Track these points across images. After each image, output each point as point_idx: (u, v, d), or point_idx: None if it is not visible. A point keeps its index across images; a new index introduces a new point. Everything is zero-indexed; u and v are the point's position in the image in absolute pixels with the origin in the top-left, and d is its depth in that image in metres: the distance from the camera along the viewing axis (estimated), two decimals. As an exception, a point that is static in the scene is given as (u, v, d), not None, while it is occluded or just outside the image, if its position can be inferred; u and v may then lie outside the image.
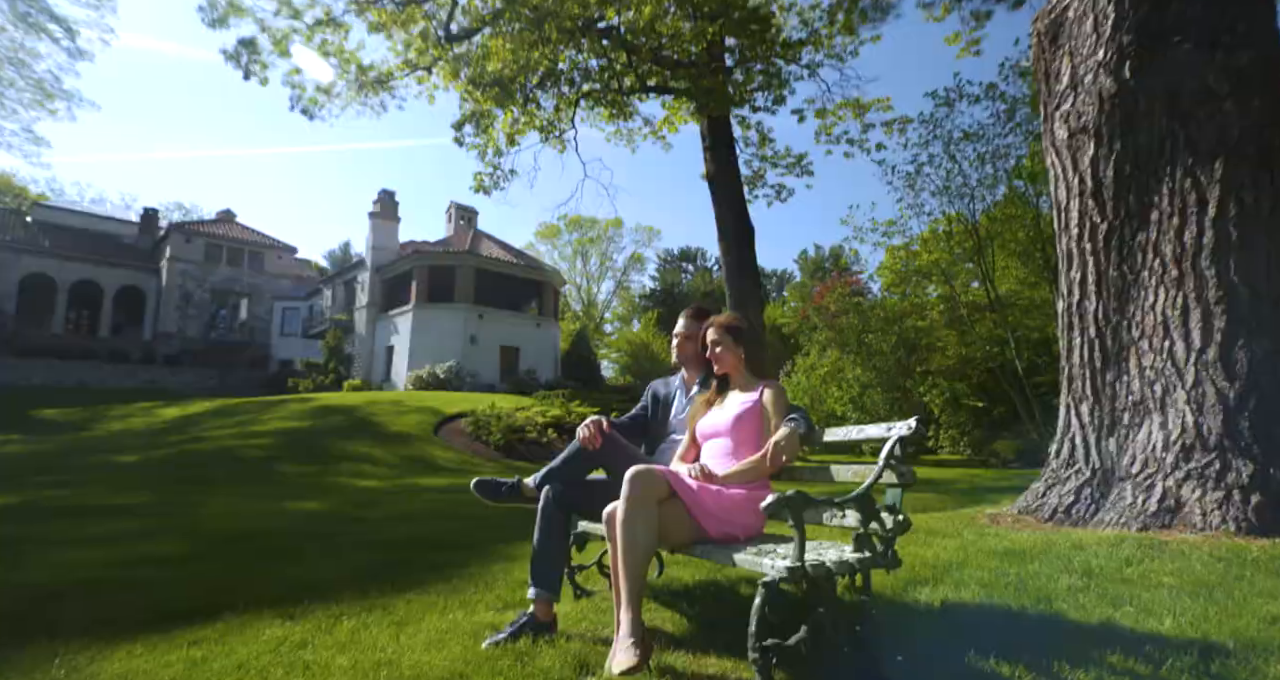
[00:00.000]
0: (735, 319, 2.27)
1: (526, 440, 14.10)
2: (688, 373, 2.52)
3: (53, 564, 3.21)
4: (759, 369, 2.24)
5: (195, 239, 31.61)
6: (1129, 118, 3.50)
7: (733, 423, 2.01)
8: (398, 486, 8.04)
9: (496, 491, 2.32)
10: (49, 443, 13.09)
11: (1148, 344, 3.14)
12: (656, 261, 71.65)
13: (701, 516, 1.78)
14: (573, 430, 12.16)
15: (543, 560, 2.06)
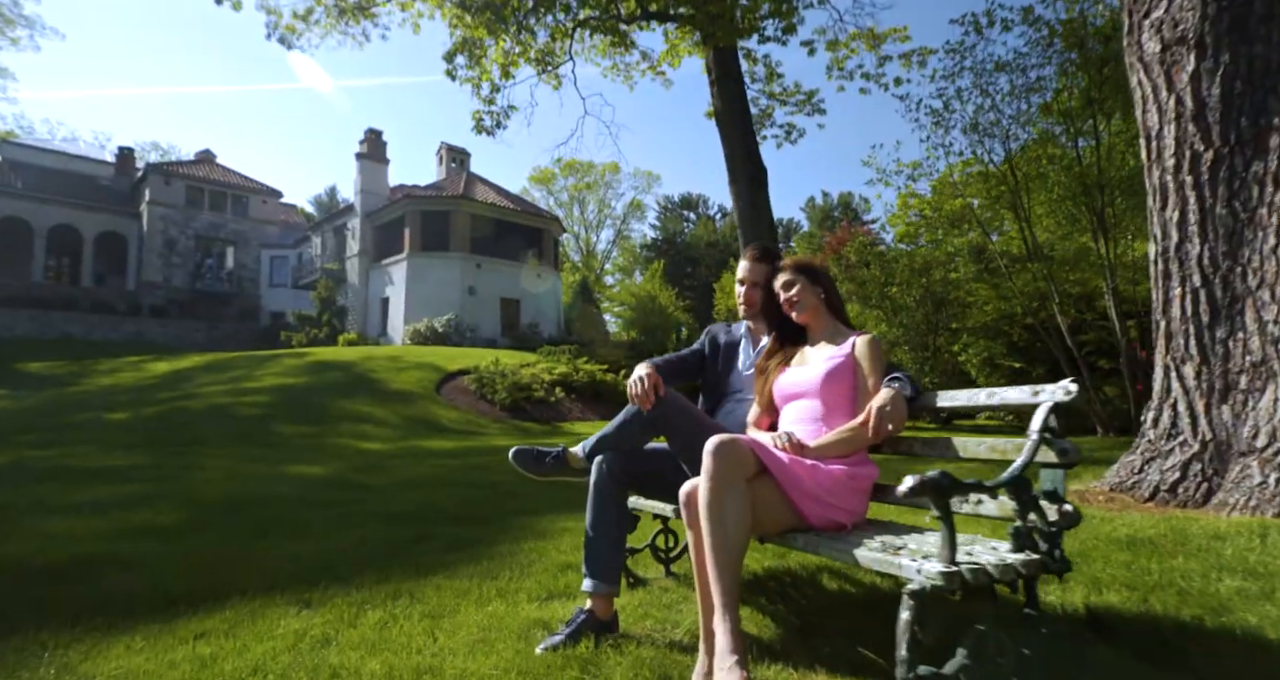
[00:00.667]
0: (814, 259, 2.00)
1: (533, 399, 14.00)
2: (755, 324, 2.21)
3: (41, 535, 3.04)
4: (844, 317, 1.96)
5: (175, 181, 30.82)
6: (1240, 23, 3.07)
7: (822, 382, 1.75)
8: (402, 449, 7.92)
9: (539, 463, 2.02)
10: (35, 398, 13.02)
11: (1269, 294, 2.82)
12: (656, 209, 70.28)
13: (800, 498, 1.53)
14: (581, 389, 12.02)
15: (599, 547, 1.82)
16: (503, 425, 11.88)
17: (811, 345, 1.91)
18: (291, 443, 8.19)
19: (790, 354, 1.92)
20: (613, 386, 16.16)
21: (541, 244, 27.14)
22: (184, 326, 27.84)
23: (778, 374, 1.89)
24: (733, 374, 2.19)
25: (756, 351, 2.14)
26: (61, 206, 29.72)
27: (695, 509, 1.49)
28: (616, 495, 1.88)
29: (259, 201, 33.88)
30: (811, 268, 1.94)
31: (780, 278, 1.92)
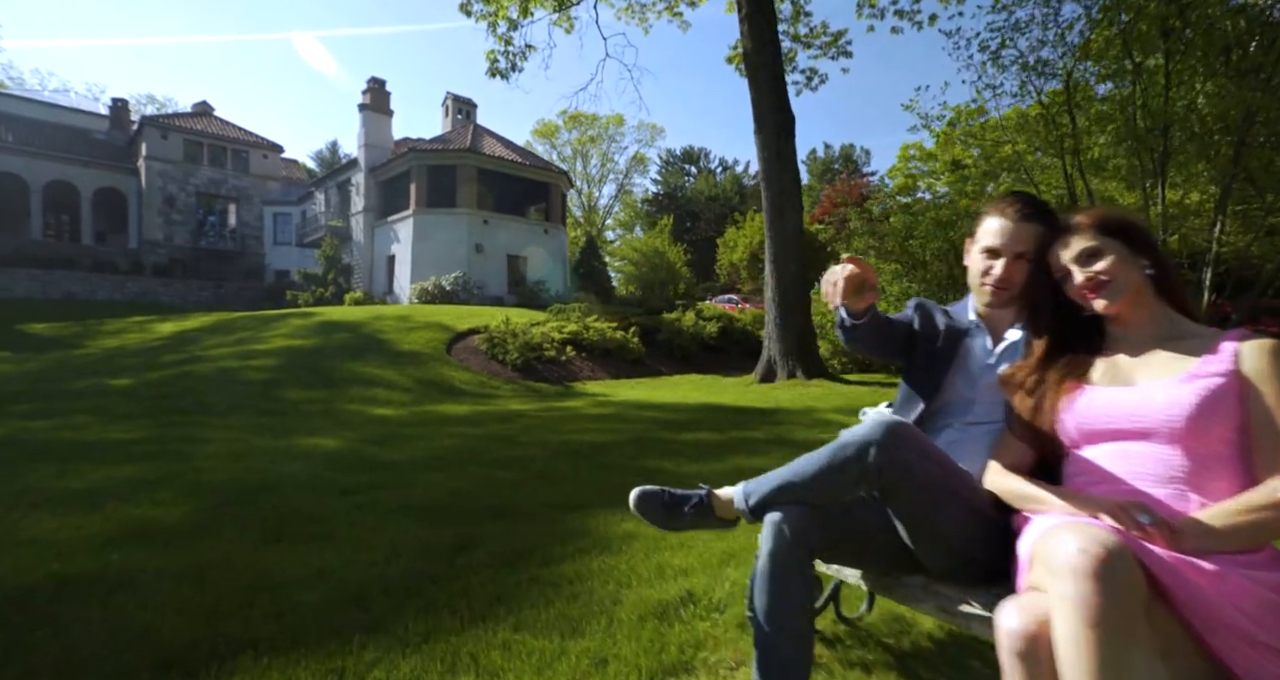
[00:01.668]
0: (1129, 213, 1.33)
1: (544, 359, 13.59)
2: (993, 312, 1.51)
3: (20, 541, 2.62)
4: (1189, 306, 1.28)
5: (172, 134, 29.64)
6: None
7: (1189, 416, 1.08)
8: (417, 416, 7.52)
9: (673, 515, 1.42)
10: (38, 361, 12.64)
11: None
12: (659, 164, 68.41)
13: (1224, 638, 0.91)
14: (591, 347, 11.49)
15: (781, 650, 1.24)
16: (515, 387, 11.49)
17: (1129, 352, 1.24)
18: (301, 409, 7.80)
19: (1078, 365, 1.27)
20: (622, 344, 15.74)
21: (549, 199, 26.21)
22: (189, 286, 27.27)
23: (1067, 394, 1.24)
24: (959, 377, 1.51)
25: (1002, 351, 1.47)
26: (56, 161, 28.69)
27: (1041, 657, 0.90)
28: (805, 569, 1.29)
29: (260, 156, 32.71)
30: (1131, 226, 1.26)
31: (1074, 243, 1.25)
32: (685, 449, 4.77)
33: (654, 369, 15.60)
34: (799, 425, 5.94)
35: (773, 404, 7.91)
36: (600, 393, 11.20)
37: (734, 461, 4.20)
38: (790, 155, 10.93)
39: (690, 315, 18.08)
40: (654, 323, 17.67)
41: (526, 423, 6.77)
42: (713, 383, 12.80)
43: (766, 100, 10.73)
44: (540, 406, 8.60)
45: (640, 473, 3.87)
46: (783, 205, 10.82)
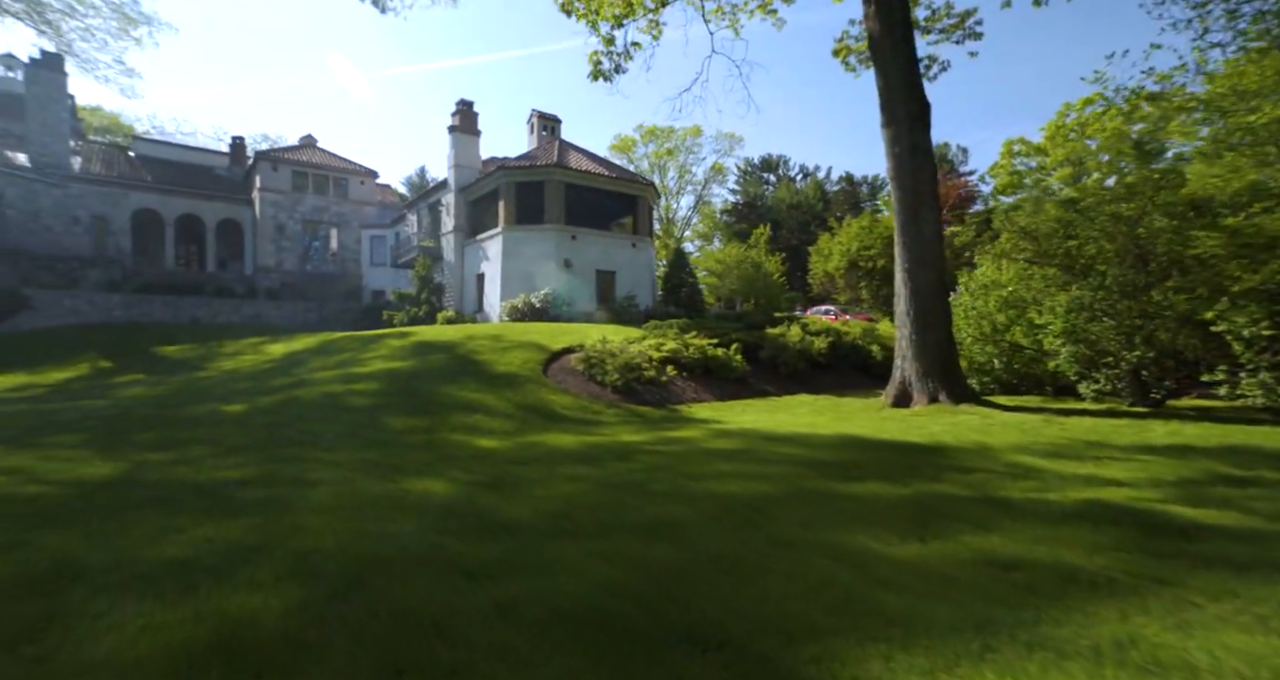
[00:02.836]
0: None
1: (644, 379, 12.90)
2: None
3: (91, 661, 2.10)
4: None
5: (281, 167, 31.94)
6: None
7: None
8: (524, 449, 6.96)
9: None
10: (167, 383, 13.37)
11: None
12: (736, 173, 67.31)
13: None
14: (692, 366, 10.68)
15: None
16: (618, 411, 10.84)
17: None
18: (404, 440, 7.45)
19: None
20: (724, 362, 14.82)
21: (636, 212, 25.80)
22: (296, 307, 29.01)
23: None
24: None
25: None
26: (186, 197, 31.52)
27: None
28: None
29: (357, 182, 34.66)
30: None
31: None
32: (870, 512, 3.81)
33: (760, 389, 14.56)
34: (994, 474, 4.80)
35: (929, 438, 6.74)
36: (711, 418, 10.33)
37: (960, 540, 3.20)
38: (926, 150, 9.71)
39: (795, 330, 16.88)
40: (756, 338, 16.63)
41: (648, 460, 6.01)
42: (834, 406, 11.60)
43: (897, 89, 9.60)
44: (653, 437, 7.84)
45: (841, 556, 2.97)
46: (918, 207, 9.60)
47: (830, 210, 62.48)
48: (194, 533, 3.59)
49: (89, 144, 33.52)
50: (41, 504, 4.33)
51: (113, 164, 31.49)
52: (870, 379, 17.02)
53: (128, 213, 29.53)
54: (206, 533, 3.58)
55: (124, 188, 29.48)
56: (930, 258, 9.63)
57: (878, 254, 35.43)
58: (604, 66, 8.81)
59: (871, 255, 35.76)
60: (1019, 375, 11.52)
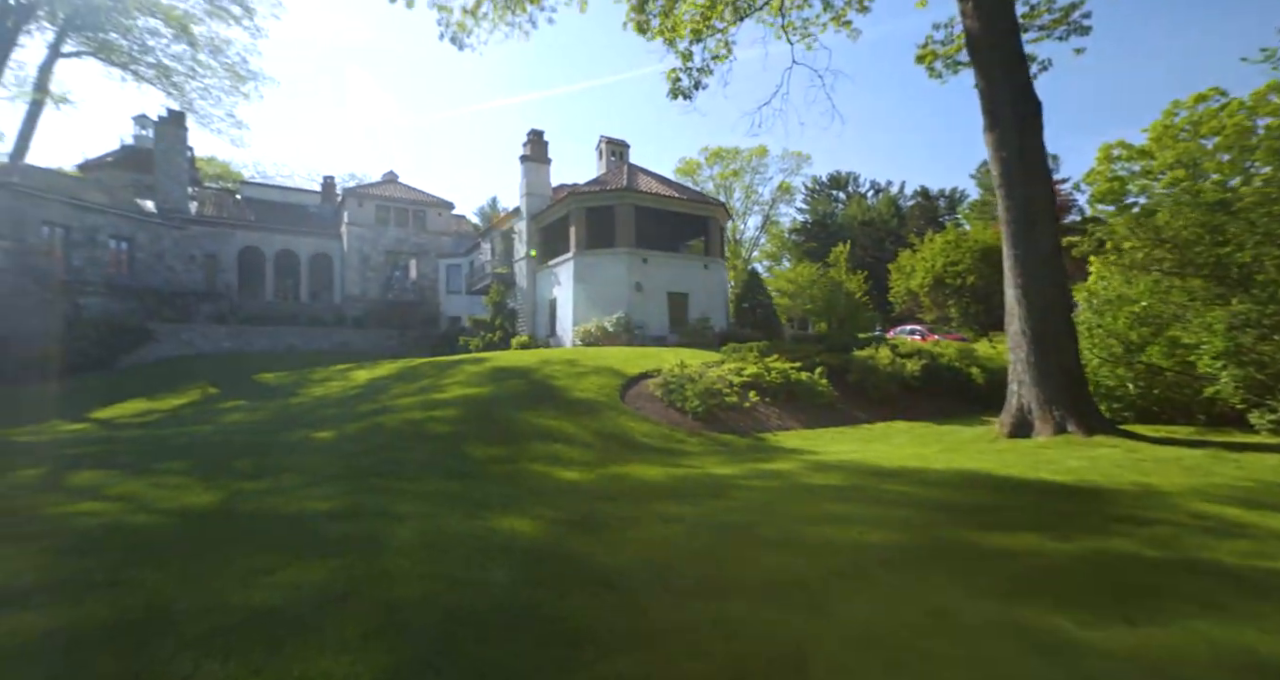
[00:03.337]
0: None
1: (726, 405, 12.39)
2: None
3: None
4: None
5: (366, 202, 33.92)
6: None
7: None
8: (610, 483, 6.62)
9: None
10: (264, 409, 14.04)
11: None
12: (804, 192, 66.14)
13: None
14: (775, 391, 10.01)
15: None
16: (701, 439, 10.37)
17: None
18: (487, 471, 7.29)
19: None
20: (809, 386, 14.09)
21: (708, 232, 25.52)
22: (379, 334, 30.38)
23: None
24: None
25: None
26: (284, 233, 33.98)
27: None
28: None
29: (435, 214, 36.31)
30: None
31: None
32: (1040, 577, 3.19)
33: (849, 415, 13.71)
34: (1181, 528, 4.00)
35: (1071, 476, 5.90)
36: (802, 448, 9.69)
37: (1186, 625, 2.52)
38: (1038, 153, 8.87)
39: (885, 351, 15.91)
40: (841, 361, 15.78)
41: (745, 498, 5.53)
42: (937, 435, 10.67)
43: (1001, 89, 8.86)
44: (745, 470, 7.33)
45: (1029, 642, 2.41)
46: (1033, 216, 8.74)
47: (906, 226, 60.10)
48: (282, 575, 3.44)
49: (203, 189, 36.88)
50: (147, 535, 4.36)
51: (223, 206, 34.45)
52: (971, 404, 15.75)
53: (234, 250, 32.08)
54: (294, 575, 3.42)
55: (231, 227, 32.10)
56: (1049, 272, 8.70)
57: (966, 269, 33.43)
58: (683, 84, 8.59)
59: (959, 271, 33.77)
60: (1159, 401, 10.20)
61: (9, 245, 22.74)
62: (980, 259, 33.11)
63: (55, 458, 8.37)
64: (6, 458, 8.91)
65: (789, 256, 62.14)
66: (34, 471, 7.26)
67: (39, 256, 23.93)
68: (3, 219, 22.59)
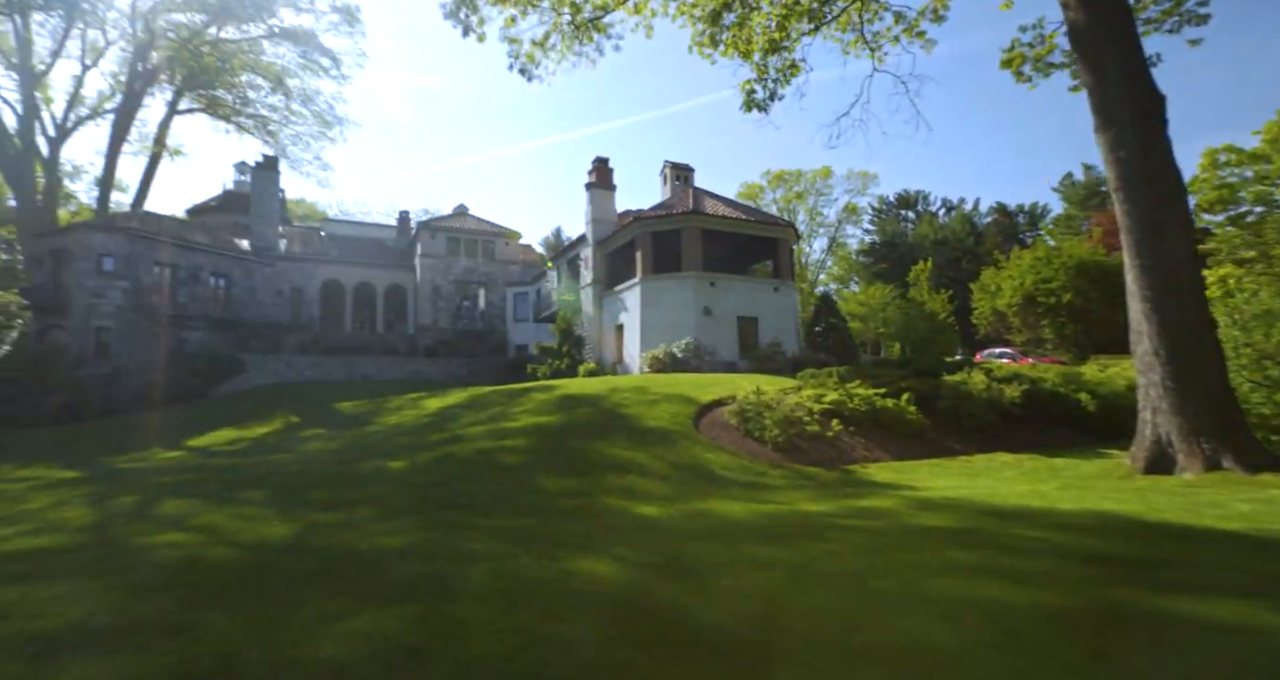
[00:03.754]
0: None
1: (807, 435, 11.70)
2: None
3: None
4: None
5: (438, 235, 35.33)
6: None
7: None
8: (691, 520, 6.17)
9: None
10: (340, 438, 14.43)
11: None
12: (870, 213, 64.52)
13: None
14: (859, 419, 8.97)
15: None
16: (784, 472, 9.74)
17: None
18: (560, 505, 7.00)
19: None
20: (897, 414, 13.16)
21: (777, 255, 24.92)
22: (449, 363, 31.21)
23: None
24: None
25: None
26: (362, 267, 35.81)
27: None
28: None
29: (503, 244, 37.38)
30: None
31: None
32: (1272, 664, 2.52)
33: (943, 446, 12.68)
34: None
35: (1248, 524, 4.98)
36: (896, 482, 8.90)
37: None
38: (1163, 150, 7.97)
39: (979, 376, 14.75)
40: (929, 387, 14.73)
41: (847, 540, 4.96)
42: (1051, 469, 9.62)
43: (1115, 84, 8.07)
44: (838, 507, 6.71)
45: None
46: (1161, 220, 7.81)
47: (983, 244, 57.20)
48: (353, 622, 3.20)
49: (292, 227, 39.54)
50: (221, 571, 4.27)
51: (308, 242, 36.75)
52: (1082, 434, 14.31)
53: (318, 284, 34.01)
54: (365, 624, 3.17)
55: (315, 262, 34.11)
56: (1185, 283, 7.71)
57: (1061, 287, 31.14)
58: (757, 96, 8.27)
59: (1053, 288, 31.49)
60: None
61: (126, 285, 24.90)
62: (1076, 275, 30.82)
63: (150, 486, 8.72)
64: (110, 485, 9.39)
65: (857, 279, 60.30)
66: (130, 499, 7.54)
67: (151, 294, 26.08)
68: (122, 261, 24.79)
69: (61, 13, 28.00)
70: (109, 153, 31.48)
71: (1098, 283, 30.14)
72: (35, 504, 7.57)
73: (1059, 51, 12.14)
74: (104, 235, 24.71)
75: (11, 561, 4.44)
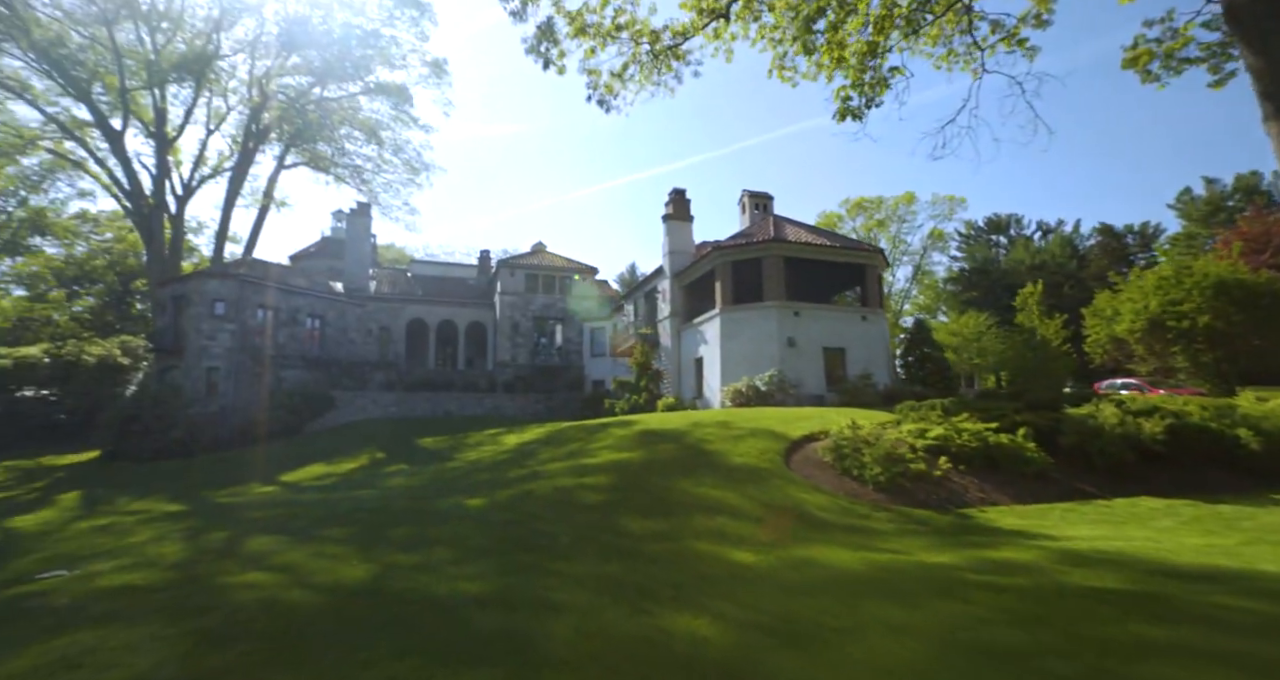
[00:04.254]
0: None
1: (911, 474, 10.68)
2: None
3: None
4: None
5: (517, 272, 36.39)
6: None
7: None
8: (792, 568, 5.53)
9: None
10: (422, 473, 14.61)
11: None
12: (957, 239, 61.47)
13: None
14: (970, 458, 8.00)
15: None
16: (891, 516, 8.82)
17: None
18: (647, 549, 6.51)
19: None
20: (1015, 452, 11.86)
21: (865, 282, 23.83)
22: (528, 399, 31.61)
23: None
24: None
25: None
26: (445, 305, 37.31)
27: None
28: None
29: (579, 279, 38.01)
30: None
31: None
32: None
33: (1072, 488, 11.26)
34: None
35: None
36: (1025, 530, 7.83)
37: None
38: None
39: (1110, 408, 13.15)
40: (1048, 421, 13.26)
41: (991, 602, 4.19)
42: (1225, 519, 8.20)
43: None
44: (965, 558, 5.85)
45: None
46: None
47: (1087, 268, 52.90)
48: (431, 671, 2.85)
49: (380, 270, 41.99)
50: (295, 618, 4.08)
51: (395, 283, 38.82)
52: (1242, 476, 12.39)
53: (404, 322, 35.66)
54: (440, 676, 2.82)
55: (402, 302, 35.86)
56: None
57: (1195, 309, 27.94)
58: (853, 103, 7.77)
59: (1185, 311, 28.31)
60: None
61: (234, 327, 26.96)
62: (1214, 295, 27.60)
63: (242, 521, 8.95)
64: (207, 519, 9.75)
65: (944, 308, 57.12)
66: (222, 534, 7.71)
67: (255, 335, 28.09)
68: (231, 305, 26.93)
69: (192, 84, 31.55)
70: (224, 207, 34.75)
71: (1241, 304, 26.87)
72: (139, 537, 7.88)
73: (1194, 45, 11.00)
74: (217, 281, 27.00)
75: (101, 599, 4.45)
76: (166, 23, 30.72)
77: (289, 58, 34.21)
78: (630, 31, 11.94)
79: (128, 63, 29.57)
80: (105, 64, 29.46)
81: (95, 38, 28.90)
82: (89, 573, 5.44)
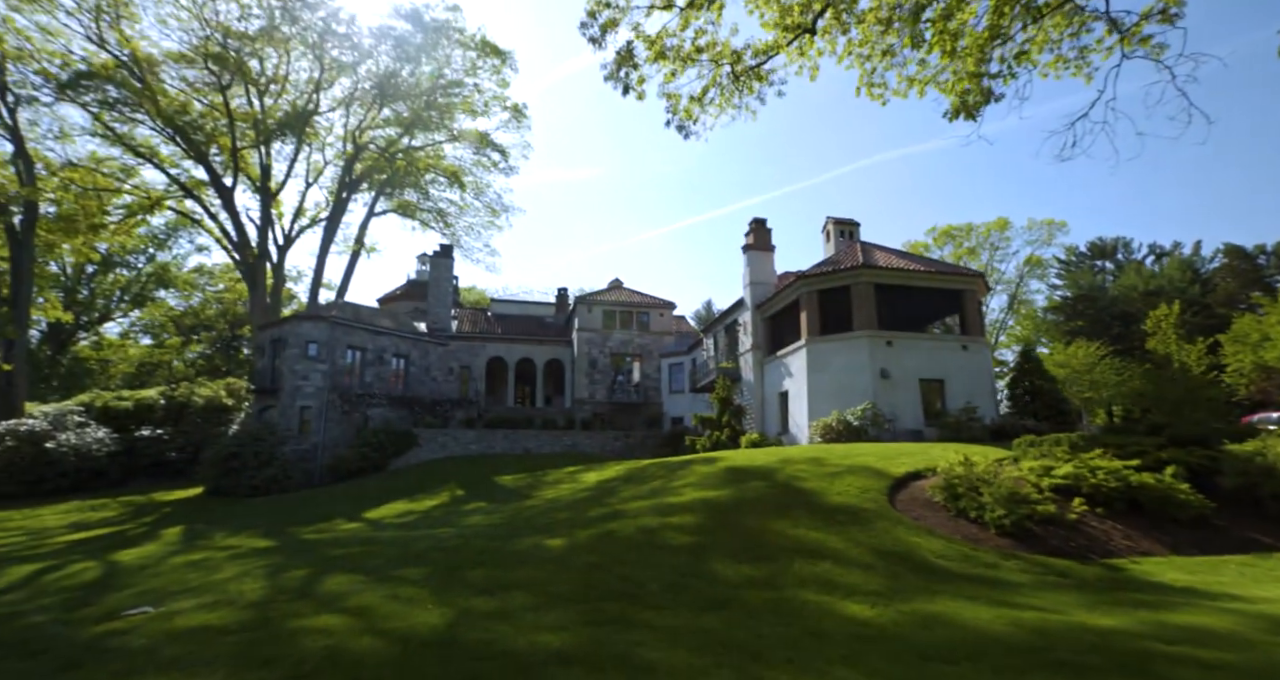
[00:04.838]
0: None
1: (1039, 517, 9.46)
2: None
3: None
4: None
5: (594, 308, 36.76)
6: None
7: None
8: (920, 627, 4.76)
9: None
10: (500, 511, 14.47)
11: None
12: (1057, 266, 57.15)
13: None
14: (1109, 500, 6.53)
15: None
16: (1021, 564, 7.72)
17: None
18: (744, 599, 5.88)
19: None
20: (1164, 493, 10.36)
21: (963, 308, 22.28)
22: (605, 436, 31.36)
23: None
24: None
25: None
26: (524, 343, 38.11)
27: None
28: None
29: (657, 315, 37.93)
30: None
31: None
32: None
33: (1242, 537, 9.64)
34: None
35: None
36: (1197, 586, 6.59)
37: None
38: None
39: None
40: (1199, 459, 11.57)
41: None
42: None
43: None
44: (1141, 623, 4.86)
45: None
46: None
47: (1212, 293, 47.62)
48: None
49: (462, 310, 43.67)
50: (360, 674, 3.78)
51: (476, 322, 40.14)
52: None
53: (484, 361, 36.63)
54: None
55: (482, 340, 36.93)
56: None
57: (1370, 327, 24.34)
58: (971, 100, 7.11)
59: (1356, 330, 24.71)
60: None
61: (325, 368, 28.48)
62: None
63: (324, 558, 8.98)
64: (290, 556, 9.89)
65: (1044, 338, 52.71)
66: (302, 572, 7.70)
67: (344, 375, 29.55)
68: (323, 346, 28.53)
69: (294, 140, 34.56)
70: (320, 253, 37.36)
71: None
72: (225, 574, 8.02)
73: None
74: (310, 324, 28.76)
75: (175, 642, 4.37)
76: (274, 85, 33.97)
77: (380, 111, 36.91)
78: (710, 53, 11.82)
79: (239, 125, 32.77)
80: (220, 127, 32.77)
81: (213, 104, 32.28)
82: (171, 611, 5.44)
